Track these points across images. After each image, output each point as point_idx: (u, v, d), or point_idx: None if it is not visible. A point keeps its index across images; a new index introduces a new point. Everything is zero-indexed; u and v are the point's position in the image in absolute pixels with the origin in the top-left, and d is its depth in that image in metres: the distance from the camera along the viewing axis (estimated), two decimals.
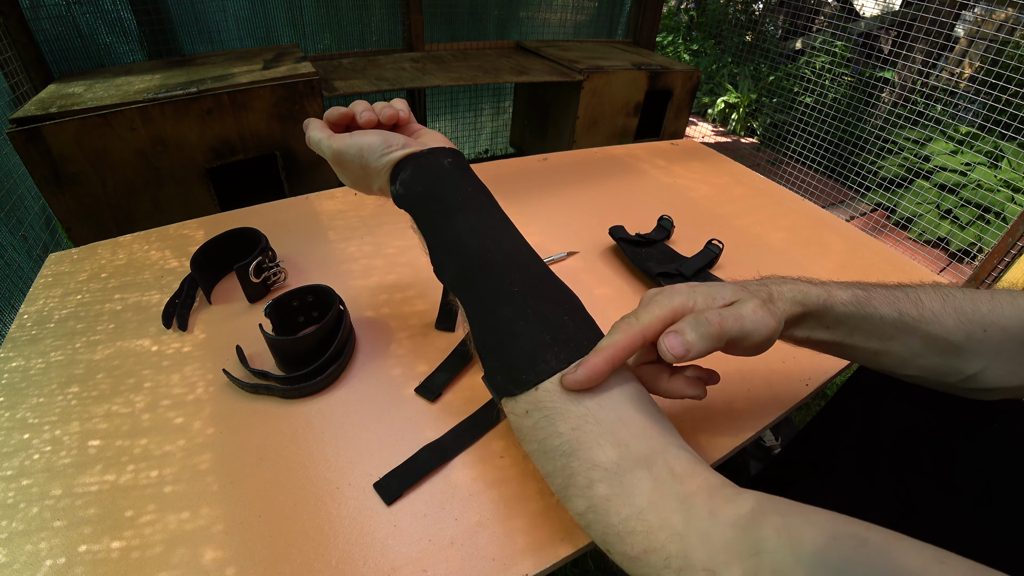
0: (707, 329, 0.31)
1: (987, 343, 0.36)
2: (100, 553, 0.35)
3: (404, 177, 0.42)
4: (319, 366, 0.47)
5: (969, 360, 0.37)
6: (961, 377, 0.37)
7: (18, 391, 0.47)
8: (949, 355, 0.37)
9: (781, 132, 2.34)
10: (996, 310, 0.37)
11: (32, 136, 0.90)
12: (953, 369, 0.37)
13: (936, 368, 0.38)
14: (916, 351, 0.37)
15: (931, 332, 0.37)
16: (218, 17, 1.44)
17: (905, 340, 0.37)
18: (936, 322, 0.37)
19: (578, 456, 0.30)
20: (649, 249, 0.70)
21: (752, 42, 2.78)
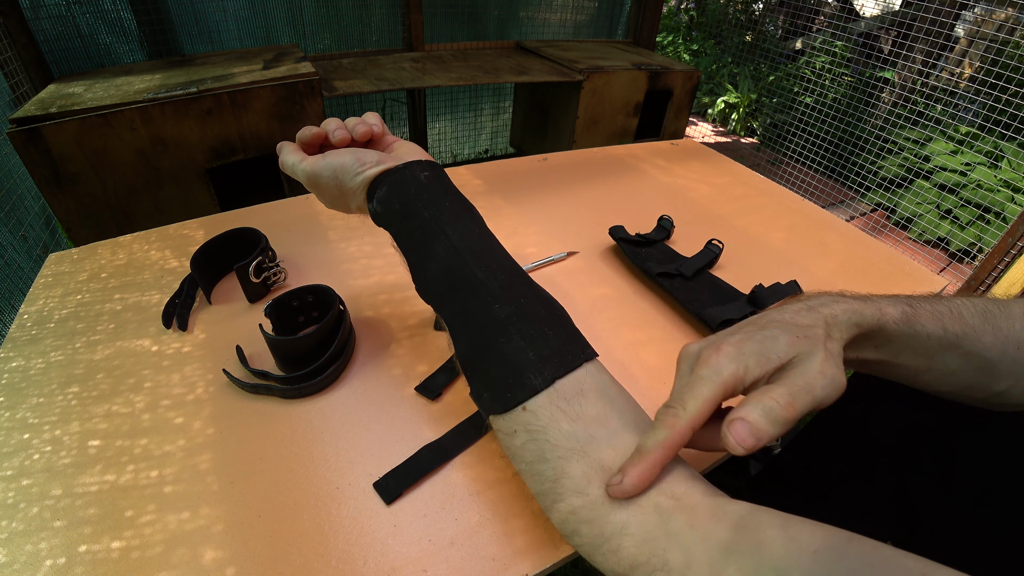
0: (779, 414, 0.27)
1: (1019, 361, 0.36)
2: (100, 553, 0.35)
3: (380, 195, 0.41)
4: (319, 366, 0.47)
5: (1000, 378, 0.36)
6: (989, 394, 0.37)
7: (18, 391, 0.47)
8: (983, 373, 0.36)
9: (781, 132, 2.34)
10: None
11: (32, 136, 0.90)
12: (984, 386, 0.37)
13: (969, 384, 0.37)
14: (954, 368, 0.36)
15: (971, 350, 0.36)
16: (218, 17, 1.44)
17: (946, 358, 0.36)
18: (976, 339, 0.36)
19: (563, 484, 0.30)
20: (649, 249, 0.70)
21: (752, 42, 2.78)
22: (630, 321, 0.59)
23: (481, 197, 0.82)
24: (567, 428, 0.31)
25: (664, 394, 0.50)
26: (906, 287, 0.69)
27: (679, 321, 0.60)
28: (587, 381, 0.33)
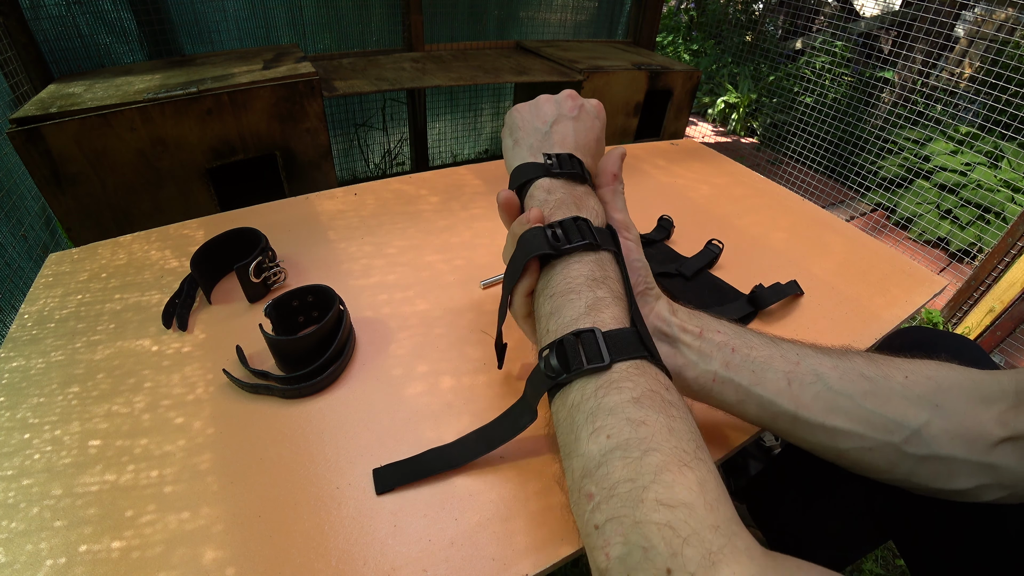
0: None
1: (913, 389, 0.33)
2: (100, 553, 0.35)
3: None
4: (319, 366, 0.47)
5: (900, 407, 0.33)
6: (904, 434, 0.33)
7: (19, 391, 0.47)
8: (871, 397, 0.33)
9: (781, 132, 2.34)
10: (912, 363, 0.35)
11: (32, 136, 0.90)
12: (888, 419, 0.33)
13: (866, 418, 0.33)
14: (831, 383, 0.34)
15: (840, 363, 0.35)
16: (218, 17, 1.44)
17: (813, 365, 0.35)
18: (842, 356, 0.36)
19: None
20: (649, 249, 0.70)
21: (752, 42, 2.78)
22: None
23: (481, 197, 0.82)
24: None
25: None
26: (906, 287, 0.69)
27: None
28: None
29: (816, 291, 0.66)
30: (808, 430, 0.35)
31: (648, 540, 0.23)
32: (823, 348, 0.37)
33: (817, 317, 0.62)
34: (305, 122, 1.20)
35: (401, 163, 2.04)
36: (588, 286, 0.34)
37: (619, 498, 0.25)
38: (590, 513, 0.26)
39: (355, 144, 1.90)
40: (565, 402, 0.31)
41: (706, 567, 0.22)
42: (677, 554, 0.23)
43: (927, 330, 0.55)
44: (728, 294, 0.63)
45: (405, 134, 1.98)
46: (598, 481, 0.26)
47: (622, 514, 0.25)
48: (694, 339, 0.38)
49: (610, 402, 0.28)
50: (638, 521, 0.24)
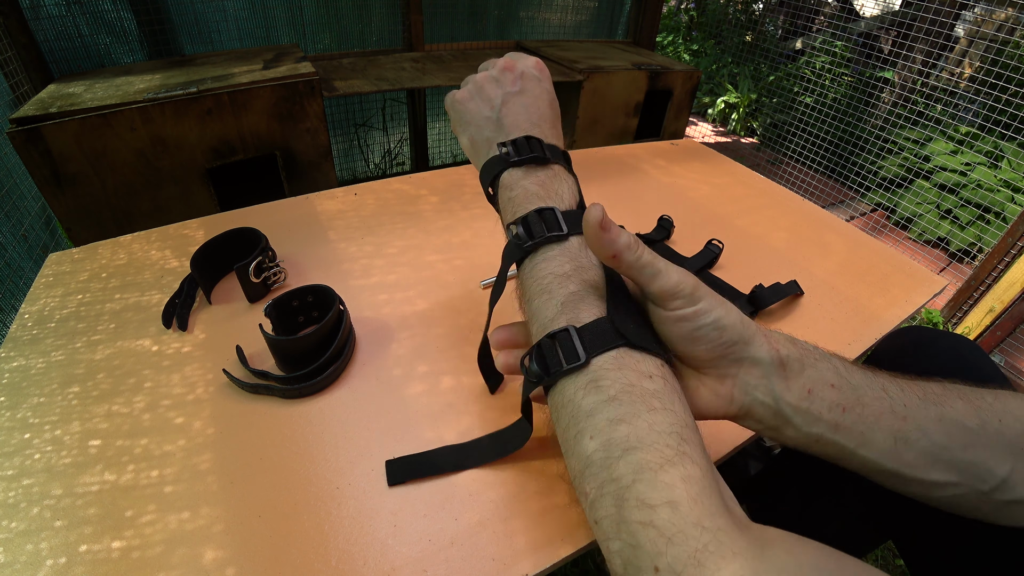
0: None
1: (1005, 435, 0.32)
2: (101, 553, 0.35)
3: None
4: (319, 366, 0.47)
5: (993, 456, 0.32)
6: (994, 483, 0.32)
7: (19, 391, 0.47)
8: (970, 448, 0.32)
9: (781, 132, 2.34)
10: (1002, 401, 0.34)
11: (32, 136, 0.90)
12: (981, 469, 0.32)
13: (964, 468, 0.32)
14: (935, 439, 0.32)
15: (944, 414, 0.33)
16: (218, 17, 1.44)
17: (919, 420, 0.33)
18: (944, 403, 0.33)
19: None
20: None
21: (752, 42, 2.78)
22: None
23: (481, 197, 0.82)
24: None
25: None
26: (906, 287, 0.69)
27: None
28: None
29: (816, 291, 0.66)
30: (904, 483, 0.34)
31: (635, 539, 0.24)
32: (924, 390, 0.34)
33: (817, 317, 0.62)
34: (305, 122, 1.20)
35: (401, 163, 2.04)
36: (559, 282, 0.34)
37: (607, 497, 0.26)
38: (588, 509, 0.27)
39: (355, 144, 1.90)
40: (555, 404, 0.31)
41: (693, 566, 0.22)
42: (662, 553, 0.23)
43: (927, 330, 0.55)
44: (728, 294, 0.63)
45: (405, 134, 1.98)
46: (589, 480, 0.27)
47: (610, 513, 0.25)
48: (801, 400, 0.32)
49: (588, 404, 0.28)
50: (624, 520, 0.24)
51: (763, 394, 0.33)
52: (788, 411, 0.33)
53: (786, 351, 0.33)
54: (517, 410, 0.47)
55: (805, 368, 0.33)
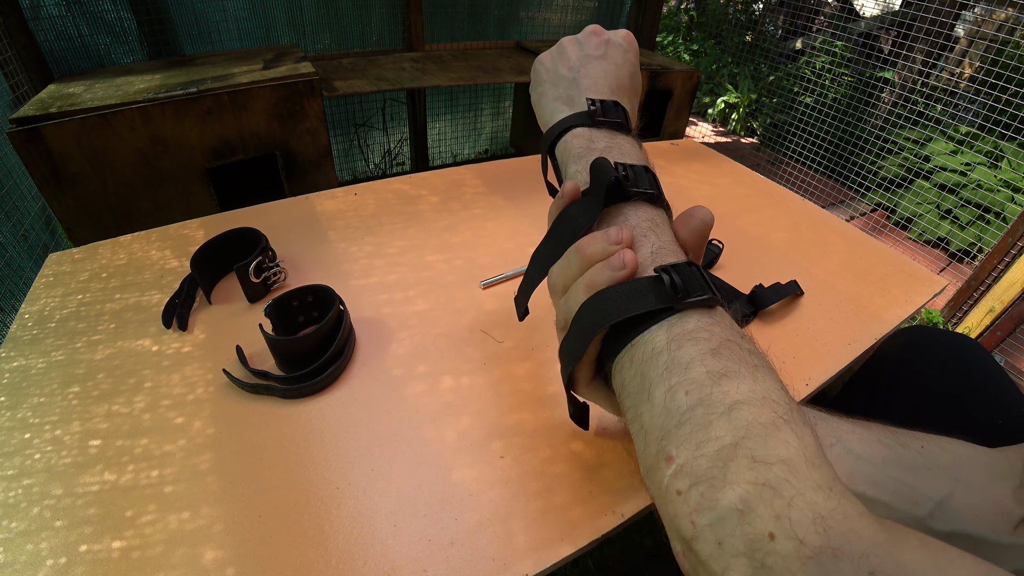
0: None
1: (934, 459, 0.32)
2: (101, 553, 0.35)
3: None
4: (319, 366, 0.47)
5: (922, 480, 0.31)
6: (929, 507, 0.31)
7: (19, 391, 0.47)
8: (891, 464, 0.31)
9: (781, 132, 2.34)
10: (926, 438, 0.34)
11: (32, 136, 0.90)
12: (912, 490, 0.31)
13: (888, 485, 0.31)
14: (851, 447, 0.32)
15: (861, 432, 0.33)
16: (218, 17, 1.44)
17: (834, 428, 0.33)
18: (859, 425, 0.33)
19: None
20: None
21: (752, 42, 2.78)
22: None
23: (481, 197, 0.82)
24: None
25: None
26: (906, 287, 0.69)
27: None
28: None
29: (816, 291, 0.66)
30: None
31: (745, 503, 0.20)
32: (841, 415, 0.35)
33: (817, 317, 0.62)
34: (305, 122, 1.20)
35: (401, 163, 2.04)
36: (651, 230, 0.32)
37: (706, 458, 0.22)
38: (671, 478, 0.23)
39: (355, 144, 1.89)
40: (633, 359, 0.27)
41: (818, 533, 0.19)
42: (781, 516, 0.20)
43: (930, 329, 0.55)
44: (728, 294, 0.63)
45: (405, 134, 1.98)
46: (680, 442, 0.23)
47: (711, 475, 0.22)
48: None
49: (686, 355, 0.25)
50: (730, 482, 0.21)
51: None
52: None
53: None
54: (518, 410, 0.47)
55: None
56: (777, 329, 0.59)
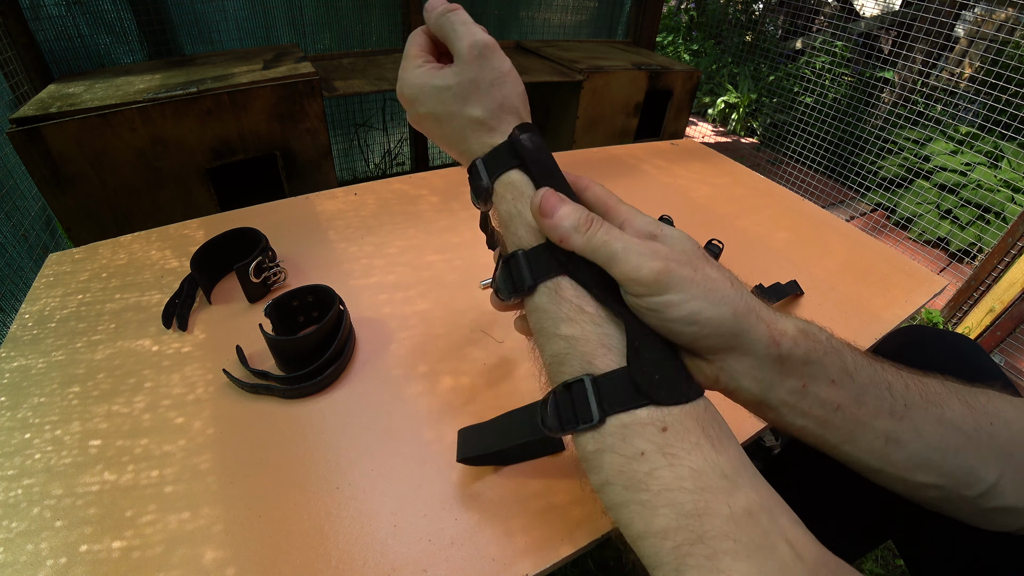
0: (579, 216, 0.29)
1: (996, 439, 0.32)
2: (101, 553, 0.35)
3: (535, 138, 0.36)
4: (319, 366, 0.47)
5: (983, 462, 0.31)
6: (982, 488, 0.31)
7: (20, 391, 0.47)
8: (961, 452, 0.31)
9: (781, 132, 2.34)
10: (994, 404, 0.33)
11: (32, 136, 0.90)
12: (969, 474, 0.31)
13: (952, 472, 0.32)
14: (929, 441, 0.31)
15: (943, 416, 0.32)
16: (218, 17, 1.44)
17: (916, 421, 0.31)
18: (944, 404, 0.32)
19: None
20: None
21: (752, 42, 2.78)
22: None
23: None
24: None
25: None
26: (906, 287, 0.69)
27: None
28: None
29: (816, 291, 0.66)
30: (887, 479, 0.33)
31: None
32: (928, 389, 0.33)
33: (817, 317, 0.62)
34: (305, 122, 1.20)
35: (401, 163, 2.04)
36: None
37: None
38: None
39: (355, 144, 1.89)
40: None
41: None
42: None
43: (928, 329, 0.55)
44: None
45: (405, 134, 1.98)
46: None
47: None
48: (791, 394, 0.31)
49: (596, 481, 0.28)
50: None
51: (750, 383, 0.30)
52: (775, 402, 0.31)
53: (788, 347, 0.30)
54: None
55: (808, 363, 0.30)
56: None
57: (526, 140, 0.34)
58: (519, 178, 0.34)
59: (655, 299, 0.28)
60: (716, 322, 0.28)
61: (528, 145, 0.34)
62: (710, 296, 0.28)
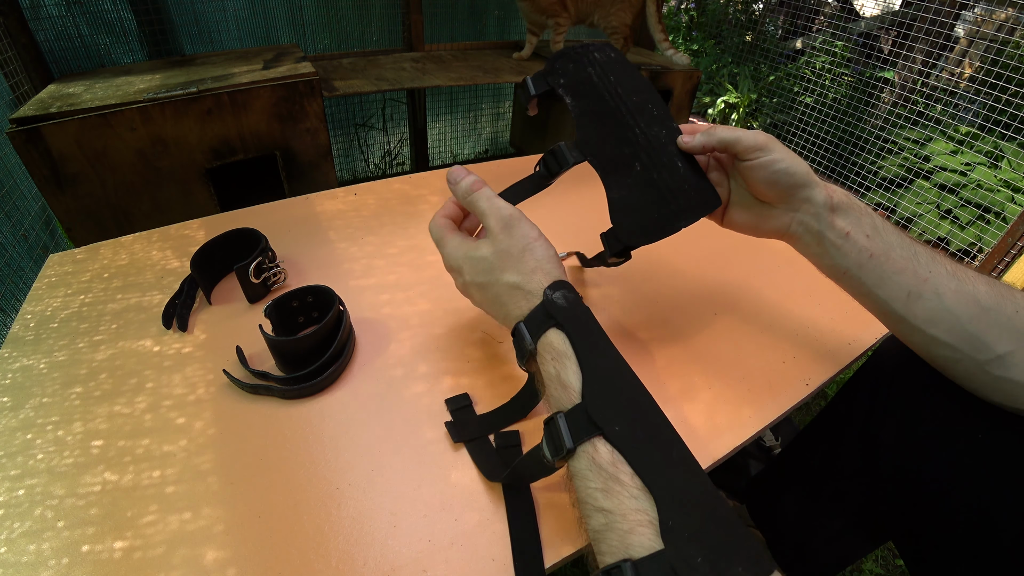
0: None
1: (1017, 323, 0.37)
2: (103, 553, 0.35)
3: (569, 295, 0.38)
4: (319, 366, 0.47)
5: (996, 334, 0.37)
6: (990, 355, 0.37)
7: (22, 391, 0.47)
8: (976, 321, 0.37)
9: (781, 132, 2.34)
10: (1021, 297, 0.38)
11: (32, 136, 0.90)
12: (980, 340, 0.37)
13: (964, 336, 0.38)
14: (946, 303, 0.38)
15: (963, 287, 0.38)
16: (218, 17, 1.44)
17: (937, 284, 0.39)
18: (969, 281, 0.39)
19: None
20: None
21: (752, 42, 2.78)
22: (633, 320, 0.59)
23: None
24: None
25: (669, 386, 0.50)
26: None
27: (683, 319, 0.60)
28: None
29: (816, 291, 0.66)
30: (909, 331, 0.41)
31: None
32: (956, 268, 0.40)
33: (818, 316, 0.62)
34: (305, 122, 1.20)
35: (401, 163, 2.04)
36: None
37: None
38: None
39: (355, 144, 1.89)
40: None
41: None
42: None
43: None
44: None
45: (405, 134, 1.98)
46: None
47: None
48: (839, 237, 0.42)
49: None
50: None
51: (813, 226, 0.43)
52: (827, 244, 0.43)
53: (838, 199, 0.43)
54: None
55: (850, 215, 0.42)
56: (777, 329, 0.60)
57: (559, 298, 0.37)
58: (557, 338, 0.35)
59: (766, 156, 0.42)
60: (802, 172, 0.42)
61: (561, 303, 0.36)
62: (794, 157, 0.43)
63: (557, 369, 0.35)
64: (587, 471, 0.31)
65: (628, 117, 0.47)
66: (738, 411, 0.50)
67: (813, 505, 0.62)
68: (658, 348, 0.56)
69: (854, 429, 0.54)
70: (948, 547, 0.45)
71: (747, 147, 0.42)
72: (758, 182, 0.43)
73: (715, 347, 0.56)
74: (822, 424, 0.61)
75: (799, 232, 0.44)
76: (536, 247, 0.39)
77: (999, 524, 0.39)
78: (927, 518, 0.46)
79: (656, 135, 0.47)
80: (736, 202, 0.49)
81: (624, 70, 0.50)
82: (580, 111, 0.48)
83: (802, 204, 0.43)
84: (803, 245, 0.45)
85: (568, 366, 0.34)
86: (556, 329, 0.36)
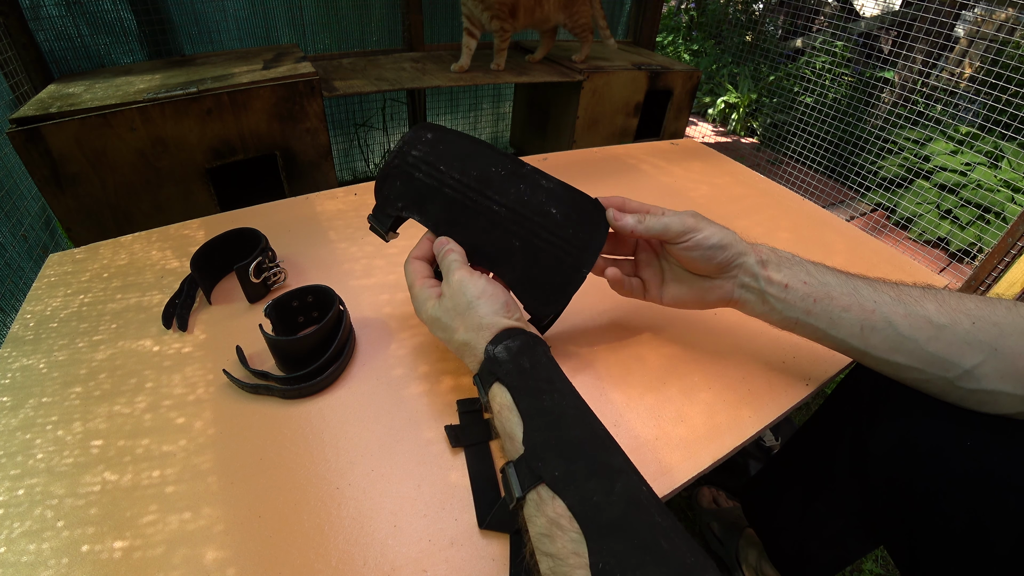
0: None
1: (977, 335, 0.37)
2: (103, 553, 0.35)
3: (511, 344, 0.39)
4: (319, 366, 0.47)
5: (957, 351, 0.38)
6: (957, 372, 0.38)
7: (22, 391, 0.47)
8: (934, 341, 0.38)
9: (781, 132, 2.34)
10: (988, 308, 0.38)
11: (32, 136, 0.90)
12: (944, 360, 0.38)
13: (927, 358, 0.39)
14: (900, 329, 0.39)
15: (913, 311, 0.39)
16: (218, 17, 1.44)
17: (887, 313, 0.40)
18: (917, 303, 0.40)
19: None
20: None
21: (752, 42, 2.78)
22: (634, 320, 0.59)
23: None
24: None
25: (669, 386, 0.50)
26: None
27: (683, 319, 0.60)
28: None
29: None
30: (874, 362, 0.42)
31: None
32: (900, 292, 0.41)
33: None
34: (305, 122, 1.20)
35: None
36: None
37: None
38: None
39: (355, 144, 1.89)
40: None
41: None
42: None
43: None
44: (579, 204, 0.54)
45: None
46: None
47: None
48: (780, 291, 0.44)
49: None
50: None
51: (753, 286, 0.45)
52: (771, 299, 0.44)
53: (766, 255, 0.45)
54: None
55: (782, 267, 0.45)
56: (777, 329, 0.59)
57: (500, 352, 0.38)
58: (499, 392, 0.37)
59: (698, 236, 0.45)
60: (733, 241, 0.45)
61: (502, 356, 0.38)
62: (722, 229, 0.46)
63: (502, 422, 0.36)
64: (535, 516, 0.32)
65: (480, 198, 0.46)
66: (738, 411, 0.50)
67: (812, 505, 0.61)
68: (658, 348, 0.56)
69: (850, 430, 0.54)
70: (942, 555, 0.45)
71: (677, 233, 0.45)
72: (694, 260, 0.46)
73: (715, 347, 0.56)
74: (819, 426, 0.61)
75: (742, 296, 0.46)
76: (479, 304, 0.41)
77: (992, 532, 0.39)
78: (920, 525, 0.46)
79: (516, 195, 0.46)
80: (673, 279, 0.50)
81: (447, 147, 0.48)
82: (434, 222, 0.46)
83: (736, 269, 0.45)
84: (749, 307, 0.46)
85: (510, 418, 0.35)
86: (498, 383, 0.37)
